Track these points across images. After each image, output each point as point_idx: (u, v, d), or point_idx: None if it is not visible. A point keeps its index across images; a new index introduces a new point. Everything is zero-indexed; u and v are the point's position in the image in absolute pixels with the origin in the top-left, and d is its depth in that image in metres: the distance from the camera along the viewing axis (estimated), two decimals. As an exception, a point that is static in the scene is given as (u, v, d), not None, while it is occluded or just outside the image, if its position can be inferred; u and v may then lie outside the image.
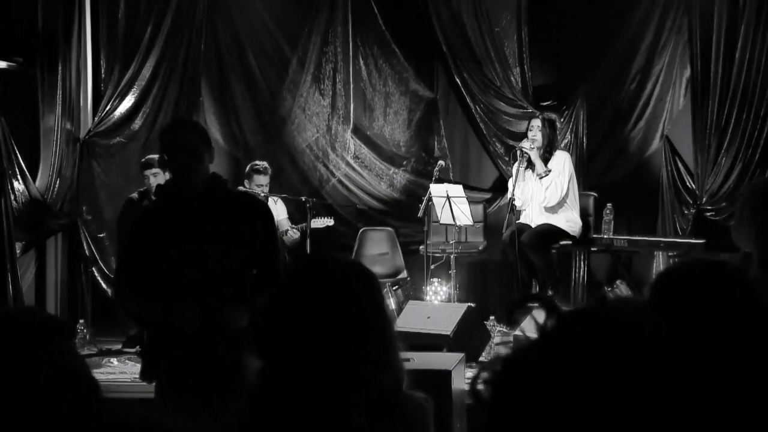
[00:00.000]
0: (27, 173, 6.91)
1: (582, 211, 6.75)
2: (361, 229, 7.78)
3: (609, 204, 6.81)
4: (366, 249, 7.56)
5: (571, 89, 7.72)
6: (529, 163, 6.56)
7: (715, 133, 7.12)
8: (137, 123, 7.66)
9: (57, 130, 7.18)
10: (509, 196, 6.57)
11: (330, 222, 7.28)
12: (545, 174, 6.48)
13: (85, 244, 7.44)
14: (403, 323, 5.71)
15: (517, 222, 6.54)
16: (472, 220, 6.82)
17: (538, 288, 6.66)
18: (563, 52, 7.88)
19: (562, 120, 7.29)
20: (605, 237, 6.72)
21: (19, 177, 6.82)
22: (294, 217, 7.39)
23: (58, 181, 7.21)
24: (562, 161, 6.54)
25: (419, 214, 6.94)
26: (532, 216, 6.64)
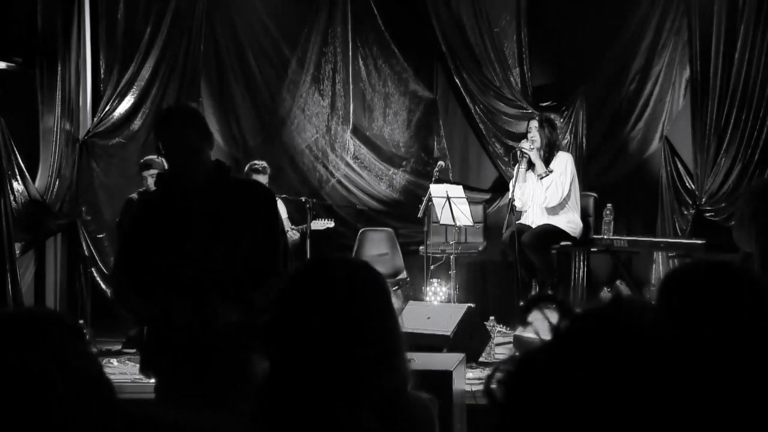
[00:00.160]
0: (26, 174, 6.90)
1: (582, 212, 6.73)
2: (361, 230, 7.78)
3: (609, 204, 6.80)
4: (366, 249, 7.55)
5: (571, 90, 7.72)
6: (530, 164, 6.55)
7: (715, 134, 7.12)
8: (136, 123, 7.65)
9: (56, 130, 7.18)
10: (509, 196, 6.57)
11: (330, 224, 7.28)
12: (546, 174, 6.47)
13: (85, 244, 7.44)
14: (403, 324, 5.70)
15: (517, 222, 6.54)
16: (472, 220, 6.81)
17: (537, 288, 6.65)
18: (563, 52, 7.88)
19: (561, 120, 7.27)
20: (605, 237, 6.72)
21: (19, 177, 6.82)
22: (294, 218, 7.39)
23: (57, 182, 7.20)
24: (564, 162, 6.52)
25: (419, 214, 6.94)
26: (533, 217, 6.63)
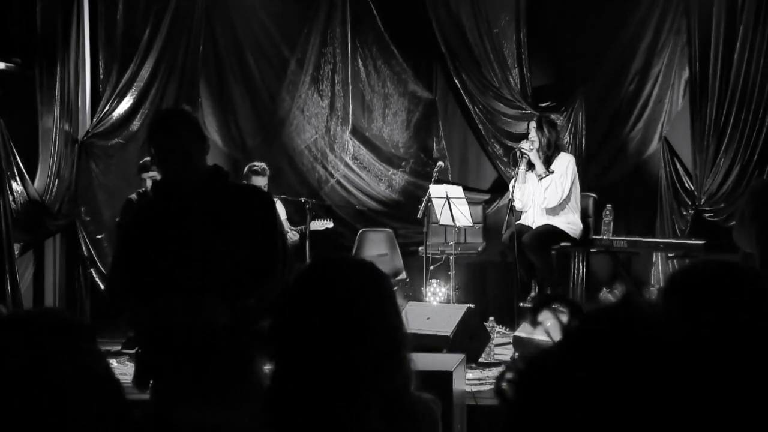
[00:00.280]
0: (25, 174, 6.89)
1: (582, 212, 6.73)
2: (360, 230, 7.78)
3: (609, 205, 6.80)
4: (365, 250, 7.55)
5: (570, 90, 7.72)
6: (530, 165, 6.55)
7: (714, 134, 7.12)
8: (136, 124, 7.65)
9: (55, 131, 7.17)
10: (509, 197, 6.57)
11: (329, 224, 7.28)
12: (546, 175, 6.47)
13: (84, 245, 7.43)
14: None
15: (517, 223, 6.54)
16: (471, 221, 6.81)
17: (536, 289, 6.65)
18: (562, 53, 7.88)
19: (561, 119, 7.25)
20: (605, 238, 6.72)
21: (18, 178, 6.81)
22: (293, 219, 7.39)
23: (56, 182, 7.19)
24: (566, 163, 6.51)
25: (419, 215, 6.93)
26: (533, 217, 6.63)
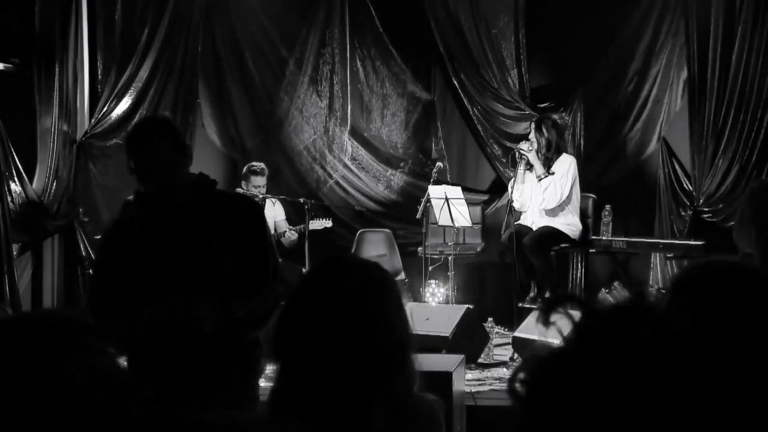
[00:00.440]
0: (24, 175, 6.88)
1: (581, 213, 6.74)
2: (359, 231, 7.78)
3: (608, 206, 6.81)
4: (364, 250, 7.55)
5: (569, 91, 7.72)
6: (529, 165, 6.55)
7: (712, 135, 7.13)
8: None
9: (54, 131, 7.16)
10: (508, 197, 6.57)
11: (328, 224, 7.27)
12: (545, 176, 6.47)
13: (82, 245, 7.41)
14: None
15: (516, 223, 6.54)
16: (470, 221, 6.81)
17: (535, 289, 6.66)
18: (561, 53, 7.89)
19: (561, 120, 7.24)
20: (604, 239, 6.72)
21: (16, 179, 6.80)
22: (291, 219, 7.38)
23: (54, 183, 7.17)
24: (567, 164, 6.51)
25: (417, 215, 6.93)
26: (533, 218, 6.63)
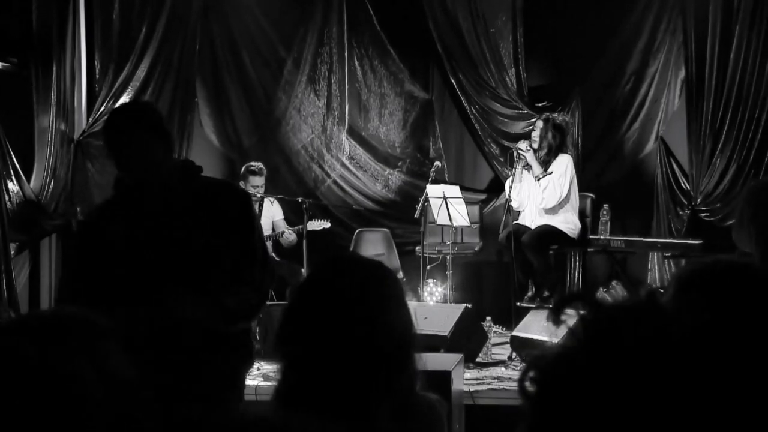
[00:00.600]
0: (21, 174, 6.87)
1: (579, 213, 6.74)
2: (357, 230, 7.78)
3: (606, 205, 6.81)
4: (362, 250, 7.55)
5: (567, 90, 7.73)
6: (528, 165, 6.55)
7: (710, 134, 7.14)
8: (132, 124, 7.61)
9: (51, 130, 7.15)
10: (506, 196, 6.57)
11: (327, 225, 7.26)
12: (543, 176, 6.47)
13: (80, 245, 7.41)
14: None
15: (515, 223, 6.54)
16: (468, 220, 6.82)
17: (533, 289, 6.65)
18: (559, 53, 7.90)
19: (564, 119, 7.22)
20: (602, 238, 6.72)
21: (14, 178, 6.79)
22: (289, 219, 7.37)
23: (52, 182, 7.17)
24: (564, 164, 6.51)
25: (416, 215, 6.94)
26: (532, 217, 6.63)
